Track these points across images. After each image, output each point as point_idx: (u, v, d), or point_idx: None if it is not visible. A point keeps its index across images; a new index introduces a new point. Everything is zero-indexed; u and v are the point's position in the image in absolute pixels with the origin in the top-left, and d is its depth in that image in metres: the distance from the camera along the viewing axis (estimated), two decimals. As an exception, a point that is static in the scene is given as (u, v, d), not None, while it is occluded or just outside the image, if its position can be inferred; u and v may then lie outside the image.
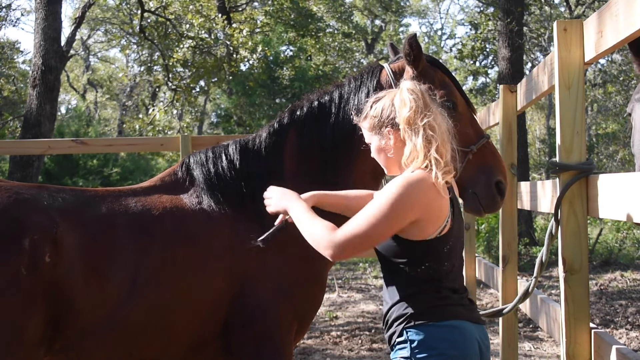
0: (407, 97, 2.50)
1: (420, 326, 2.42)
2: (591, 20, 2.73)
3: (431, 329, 2.41)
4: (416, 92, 2.51)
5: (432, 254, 2.44)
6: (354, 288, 10.84)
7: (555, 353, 6.58)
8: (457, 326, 2.42)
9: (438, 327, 2.41)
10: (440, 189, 2.41)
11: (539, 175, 25.56)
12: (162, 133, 18.06)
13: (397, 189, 2.37)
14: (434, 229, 2.42)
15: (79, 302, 2.60)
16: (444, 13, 45.08)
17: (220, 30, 16.67)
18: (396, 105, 2.52)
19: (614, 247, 12.72)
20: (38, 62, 11.43)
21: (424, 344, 2.39)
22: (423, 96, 2.51)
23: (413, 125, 2.46)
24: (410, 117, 2.46)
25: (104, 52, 36.79)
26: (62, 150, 9.04)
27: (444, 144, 2.46)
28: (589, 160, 2.86)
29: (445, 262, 2.46)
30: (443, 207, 2.44)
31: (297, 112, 3.18)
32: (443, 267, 2.46)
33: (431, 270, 2.45)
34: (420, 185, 2.38)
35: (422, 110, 2.48)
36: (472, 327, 2.46)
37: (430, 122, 2.45)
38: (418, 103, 2.48)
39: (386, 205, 2.35)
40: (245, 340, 2.86)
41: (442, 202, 2.43)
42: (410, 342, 2.42)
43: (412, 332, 2.42)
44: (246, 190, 3.01)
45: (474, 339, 2.44)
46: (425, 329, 2.41)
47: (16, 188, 2.71)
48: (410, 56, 3.03)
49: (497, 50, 16.83)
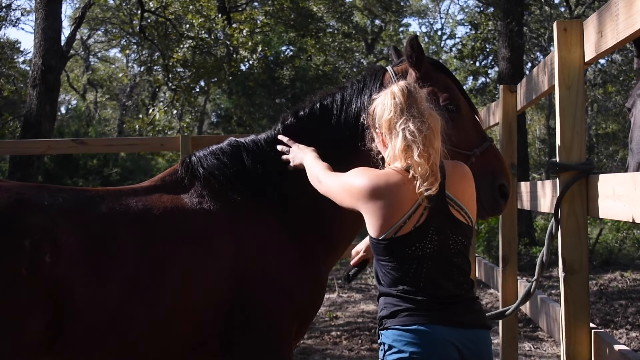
0: (388, 101, 2.53)
1: (389, 329, 2.47)
2: (591, 21, 2.73)
3: (398, 332, 2.44)
4: (398, 96, 2.50)
5: (392, 254, 2.47)
6: (354, 288, 10.84)
7: (555, 353, 6.58)
8: (424, 330, 2.42)
9: (405, 330, 2.43)
10: (405, 190, 2.42)
11: (539, 175, 25.57)
12: (162, 133, 18.06)
13: (361, 171, 2.57)
14: (384, 228, 2.45)
15: (79, 302, 2.60)
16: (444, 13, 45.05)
17: (220, 30, 16.67)
18: (378, 108, 2.55)
19: (614, 247, 12.72)
20: (38, 62, 11.44)
21: (392, 347, 2.45)
22: (407, 99, 2.50)
23: (392, 130, 2.49)
24: (387, 121, 2.50)
25: (104, 52, 36.78)
26: (62, 150, 9.04)
27: (427, 148, 2.43)
28: (589, 160, 2.86)
29: (412, 264, 2.46)
30: (399, 209, 2.44)
31: (300, 114, 3.19)
32: (411, 269, 2.46)
33: (397, 271, 2.48)
34: (377, 178, 2.48)
35: (402, 114, 2.48)
36: (447, 330, 2.43)
37: (410, 127, 2.44)
38: (397, 108, 2.49)
39: (348, 177, 2.61)
40: (245, 340, 2.86)
41: (399, 203, 2.43)
42: (382, 344, 2.50)
43: (383, 334, 2.50)
44: (247, 190, 3.01)
45: (446, 343, 2.42)
46: (393, 332, 2.46)
47: (16, 188, 2.71)
48: (412, 58, 3.03)
49: (497, 50, 16.83)
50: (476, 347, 2.48)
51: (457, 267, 2.53)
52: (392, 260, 2.49)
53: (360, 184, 2.51)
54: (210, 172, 3.03)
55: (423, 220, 2.46)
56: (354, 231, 3.20)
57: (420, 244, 2.46)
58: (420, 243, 2.46)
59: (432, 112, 2.53)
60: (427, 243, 2.46)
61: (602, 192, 2.62)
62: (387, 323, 2.49)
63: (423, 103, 2.53)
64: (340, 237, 3.13)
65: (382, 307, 2.52)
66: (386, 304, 2.51)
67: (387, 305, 2.50)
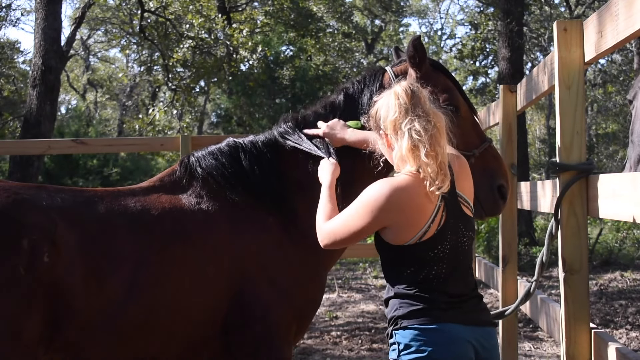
0: (392, 102, 2.50)
1: (406, 329, 2.44)
2: (591, 21, 2.73)
3: (416, 331, 2.42)
4: (402, 97, 2.49)
5: (414, 259, 2.45)
6: (354, 288, 10.84)
7: (555, 353, 6.58)
8: (443, 329, 2.41)
9: (423, 330, 2.41)
10: (424, 194, 2.40)
11: (539, 175, 25.58)
12: (162, 133, 18.06)
13: (374, 192, 2.44)
14: (409, 235, 2.42)
15: (77, 302, 2.60)
16: (444, 13, 45.08)
17: (220, 30, 16.66)
18: (382, 110, 2.54)
19: (614, 247, 12.71)
20: (38, 62, 11.43)
21: (410, 346, 2.42)
22: (411, 99, 2.48)
23: (398, 130, 2.47)
24: (392, 122, 2.48)
25: (104, 52, 36.79)
26: (62, 150, 9.03)
27: (434, 147, 2.42)
28: (589, 160, 2.86)
29: (434, 266, 2.45)
30: (423, 214, 2.42)
31: (301, 115, 3.20)
32: (432, 271, 2.45)
33: (417, 274, 2.46)
34: (398, 191, 2.41)
35: (407, 114, 2.45)
36: (464, 329, 2.43)
37: (416, 127, 2.42)
38: (402, 108, 2.47)
39: (362, 207, 2.46)
40: (245, 340, 2.86)
41: (422, 208, 2.42)
42: (397, 344, 2.45)
43: (399, 334, 2.46)
44: (246, 190, 3.01)
45: (464, 342, 2.42)
46: (410, 332, 2.43)
47: (15, 188, 2.71)
48: (415, 58, 3.03)
49: (497, 50, 16.83)
50: (489, 345, 2.49)
51: (465, 265, 2.54)
52: (413, 263, 2.46)
53: (380, 197, 2.42)
54: (208, 173, 3.03)
55: (444, 221, 2.45)
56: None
57: (442, 246, 2.45)
58: (442, 245, 2.45)
59: (436, 111, 2.52)
60: (447, 244, 2.46)
61: (602, 192, 2.61)
62: (403, 322, 2.45)
63: (427, 102, 2.52)
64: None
65: (397, 306, 2.48)
66: (402, 304, 2.47)
67: (402, 304, 2.47)
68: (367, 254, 7.40)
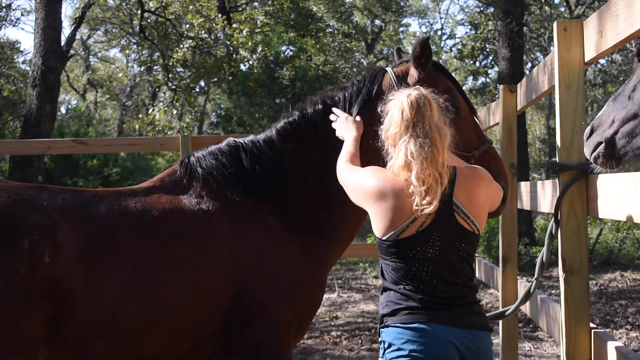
0: (396, 116, 2.54)
1: (389, 327, 2.51)
2: (591, 21, 2.73)
3: (398, 330, 2.47)
4: (406, 112, 2.50)
5: (394, 255, 2.52)
6: (354, 288, 10.84)
7: (555, 353, 6.58)
8: (424, 329, 2.44)
9: (405, 328, 2.46)
10: (409, 195, 2.45)
11: (539, 175, 25.57)
12: (162, 133, 18.05)
13: (372, 172, 2.63)
14: (385, 230, 2.50)
15: (78, 302, 2.60)
16: (444, 13, 45.03)
17: (220, 31, 16.66)
18: (387, 118, 2.59)
19: (614, 247, 12.71)
20: (38, 62, 11.43)
21: (392, 345, 2.47)
22: (414, 116, 2.49)
23: (396, 144, 2.54)
24: (392, 135, 2.54)
25: (104, 52, 36.76)
26: (62, 150, 9.03)
27: (425, 169, 2.43)
28: (589, 161, 2.86)
29: (414, 265, 2.49)
30: (402, 213, 2.47)
31: (301, 114, 3.19)
32: (413, 269, 2.49)
33: (399, 271, 2.52)
34: (389, 181, 2.51)
35: (406, 131, 2.49)
36: (448, 330, 2.45)
37: (411, 148, 2.46)
38: (403, 125, 2.50)
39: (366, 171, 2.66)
40: (245, 340, 2.86)
41: (402, 207, 2.47)
42: (382, 342, 2.54)
43: (384, 332, 2.54)
44: (246, 190, 3.01)
45: (446, 342, 2.44)
46: (393, 330, 2.49)
47: (16, 188, 2.71)
48: (421, 59, 3.02)
49: (497, 50, 16.83)
50: (477, 348, 2.49)
51: (458, 272, 2.54)
52: (395, 260, 2.53)
53: (368, 185, 2.58)
54: (209, 173, 3.03)
55: (426, 225, 2.48)
56: (353, 231, 3.20)
57: (422, 248, 2.48)
58: (421, 247, 2.48)
59: (440, 127, 2.51)
60: (428, 248, 2.49)
61: (602, 192, 2.62)
62: (387, 321, 2.52)
63: (434, 116, 2.52)
64: (339, 237, 3.13)
65: (384, 305, 2.56)
66: (387, 302, 2.54)
67: (388, 303, 2.54)
68: (367, 254, 7.40)
